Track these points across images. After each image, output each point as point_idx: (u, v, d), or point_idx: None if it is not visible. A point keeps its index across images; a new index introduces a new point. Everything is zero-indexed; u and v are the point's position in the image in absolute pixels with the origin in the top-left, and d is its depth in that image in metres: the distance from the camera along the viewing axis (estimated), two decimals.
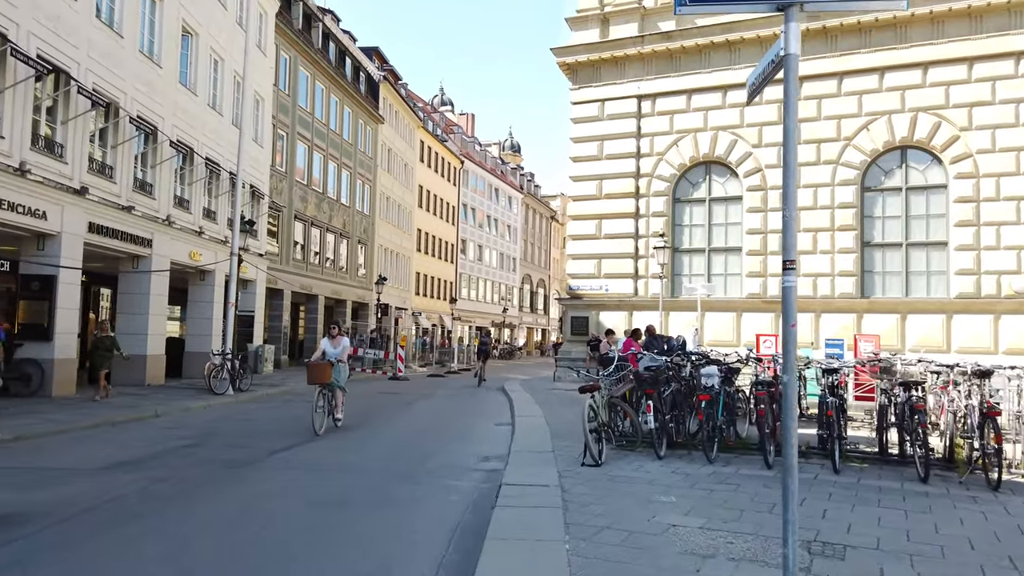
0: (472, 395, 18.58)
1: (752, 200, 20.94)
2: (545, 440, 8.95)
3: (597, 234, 22.90)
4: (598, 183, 22.94)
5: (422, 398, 17.37)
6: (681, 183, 22.22)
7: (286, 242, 27.79)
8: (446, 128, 56.53)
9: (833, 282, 19.96)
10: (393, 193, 40.97)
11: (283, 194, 27.48)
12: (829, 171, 20.09)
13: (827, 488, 6.47)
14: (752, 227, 20.88)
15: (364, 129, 36.10)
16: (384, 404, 15.55)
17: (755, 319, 20.56)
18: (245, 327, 23.55)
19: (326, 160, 31.49)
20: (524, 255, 68.37)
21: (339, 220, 33.02)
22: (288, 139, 27.89)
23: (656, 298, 21.87)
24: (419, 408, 14.53)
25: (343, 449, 9.06)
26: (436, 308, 49.38)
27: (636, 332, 14.51)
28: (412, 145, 44.90)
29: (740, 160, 21.13)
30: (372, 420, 12.20)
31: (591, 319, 22.84)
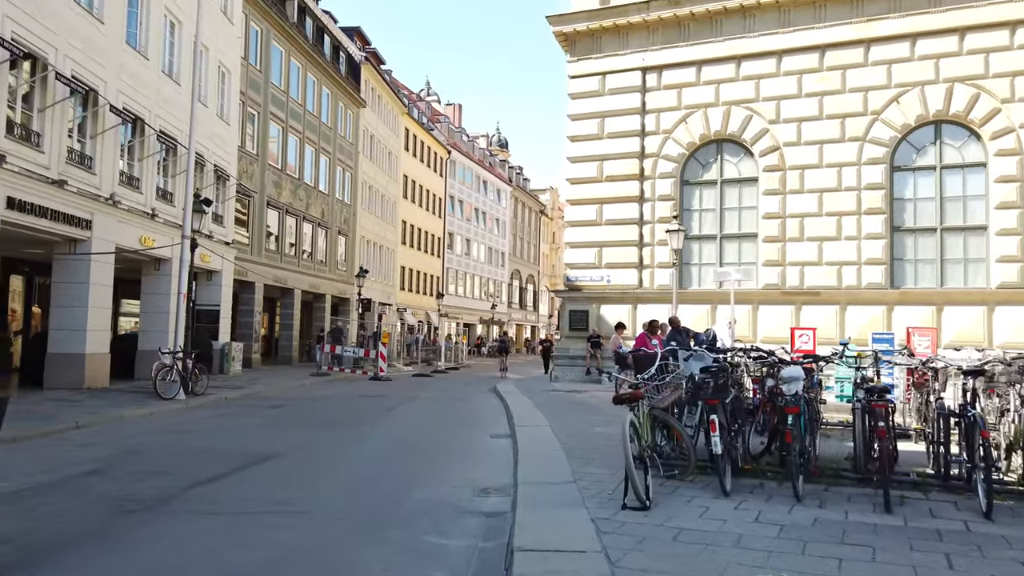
0: (462, 398, 16.52)
1: (769, 182, 19.02)
2: (560, 463, 6.91)
3: (598, 220, 20.89)
4: (598, 164, 20.93)
5: (405, 401, 15.29)
6: (690, 164, 20.27)
7: (258, 231, 25.55)
8: (432, 117, 54.33)
9: (859, 271, 18.09)
10: (376, 182, 38.76)
11: (254, 178, 25.23)
12: (855, 149, 18.21)
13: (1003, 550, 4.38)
14: (769, 211, 18.97)
15: (344, 113, 33.87)
16: (360, 409, 13.47)
17: (773, 312, 18.65)
18: (209, 323, 21.33)
19: (302, 144, 29.25)
20: (513, 250, 66.34)
21: (317, 209, 30.79)
22: (260, 119, 25.64)
23: (664, 290, 19.91)
24: (400, 414, 12.45)
25: (294, 477, 6.98)
26: (422, 304, 47.23)
27: (653, 324, 12.56)
28: (396, 132, 42.69)
29: (756, 137, 19.20)
30: (341, 431, 10.13)
31: (591, 313, 20.84)
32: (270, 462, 7.61)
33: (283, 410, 12.97)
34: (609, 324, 20.50)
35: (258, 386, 17.71)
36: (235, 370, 21.60)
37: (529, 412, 11.69)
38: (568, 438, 8.63)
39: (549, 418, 10.79)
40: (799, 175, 18.69)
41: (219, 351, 21.21)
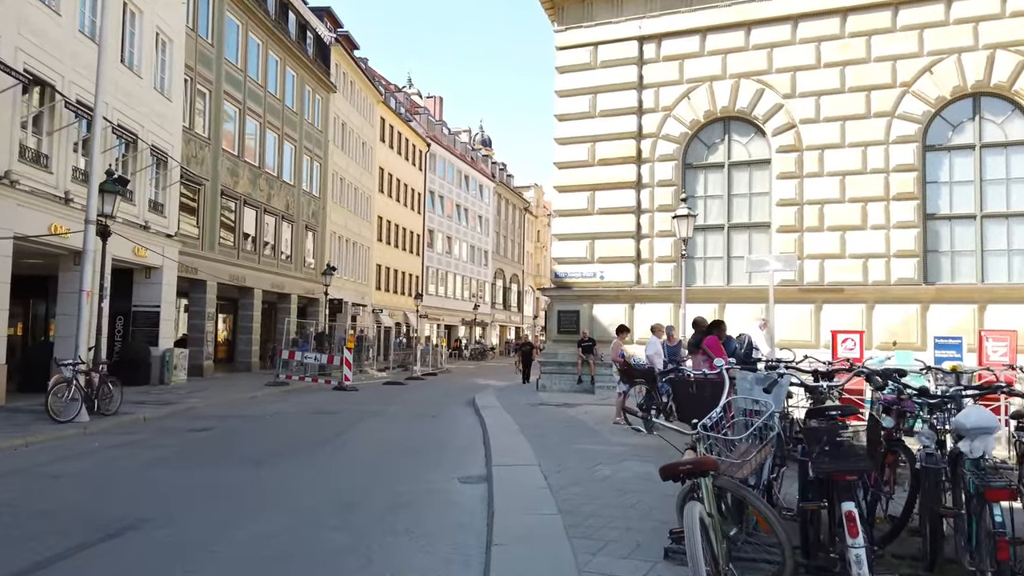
0: (433, 413, 14.04)
1: (784, 164, 16.77)
2: (561, 546, 4.47)
3: (589, 209, 18.53)
4: (590, 147, 18.57)
5: (365, 419, 12.81)
6: (693, 145, 17.97)
7: (209, 223, 22.90)
8: (411, 108, 51.76)
9: (888, 265, 15.89)
10: (348, 174, 36.15)
11: (205, 164, 22.58)
12: (882, 125, 16.01)
13: None
14: (784, 197, 16.72)
15: (312, 97, 31.26)
16: (304, 433, 10.97)
17: (789, 313, 16.37)
18: (148, 326, 18.70)
19: (263, 129, 26.61)
20: (497, 248, 63.90)
21: (280, 200, 28.15)
22: (212, 98, 23.00)
23: (665, 287, 17.61)
24: (350, 441, 9.94)
25: None
26: (400, 304, 44.65)
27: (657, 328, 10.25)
28: (371, 122, 40.09)
29: (768, 114, 16.94)
30: (258, 475, 7.61)
31: (582, 313, 18.48)
32: (124, 537, 5.11)
33: (206, 436, 10.45)
34: (603, 326, 18.16)
35: (195, 400, 15.13)
36: (178, 380, 18.98)
37: (511, 438, 9.27)
38: (565, 488, 6.23)
39: (537, 447, 8.40)
40: (818, 156, 16.46)
41: (159, 359, 18.58)
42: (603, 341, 18.03)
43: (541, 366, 18.79)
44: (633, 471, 6.77)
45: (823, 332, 16.11)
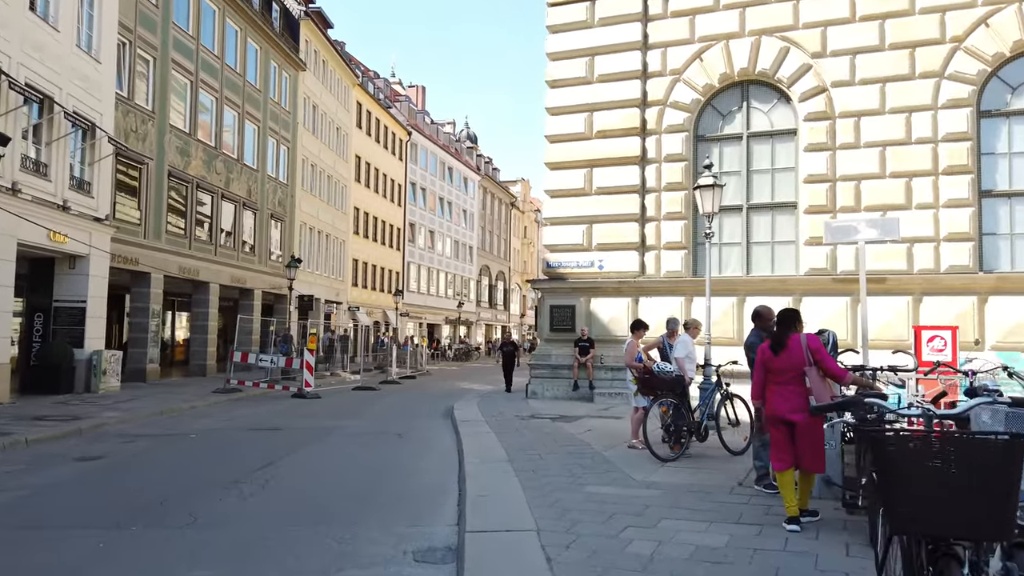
0: (400, 431, 11.46)
1: (813, 134, 14.43)
2: None
3: (586, 188, 16.10)
4: (587, 117, 16.13)
5: (311, 440, 10.24)
6: (707, 113, 15.59)
7: (154, 207, 20.18)
8: (391, 95, 49.08)
9: (938, 251, 13.59)
10: (321, 161, 33.46)
11: (148, 141, 19.86)
12: (929, 88, 13.71)
13: None
14: (813, 173, 14.38)
15: (278, 75, 28.55)
16: (220, 463, 8.38)
17: (821, 307, 14.04)
18: (72, 324, 16.00)
19: (220, 105, 23.90)
20: (482, 244, 61.34)
21: (241, 186, 25.43)
22: (156, 67, 20.27)
23: (675, 278, 15.24)
24: (272, 482, 7.12)
25: None
26: (379, 302, 42.00)
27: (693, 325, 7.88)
28: (347, 106, 37.40)
29: (794, 77, 14.60)
30: (91, 555, 4.97)
31: (579, 309, 16.02)
32: None
33: (86, 470, 7.84)
34: (602, 323, 15.72)
35: (114, 414, 12.50)
36: (109, 387, 16.30)
37: (496, 475, 6.77)
38: None
39: (531, 490, 5.95)
40: (853, 125, 14.14)
41: (84, 363, 15.89)
42: (603, 340, 15.61)
43: (531, 369, 16.32)
44: (687, 543, 4.32)
45: (861, 329, 13.76)
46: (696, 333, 8.58)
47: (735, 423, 8.01)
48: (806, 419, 4.77)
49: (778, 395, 4.91)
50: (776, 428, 4.93)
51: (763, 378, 5.07)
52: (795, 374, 4.89)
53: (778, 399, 4.90)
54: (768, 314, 6.35)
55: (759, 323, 6.40)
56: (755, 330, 6.44)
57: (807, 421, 4.77)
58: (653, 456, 7.34)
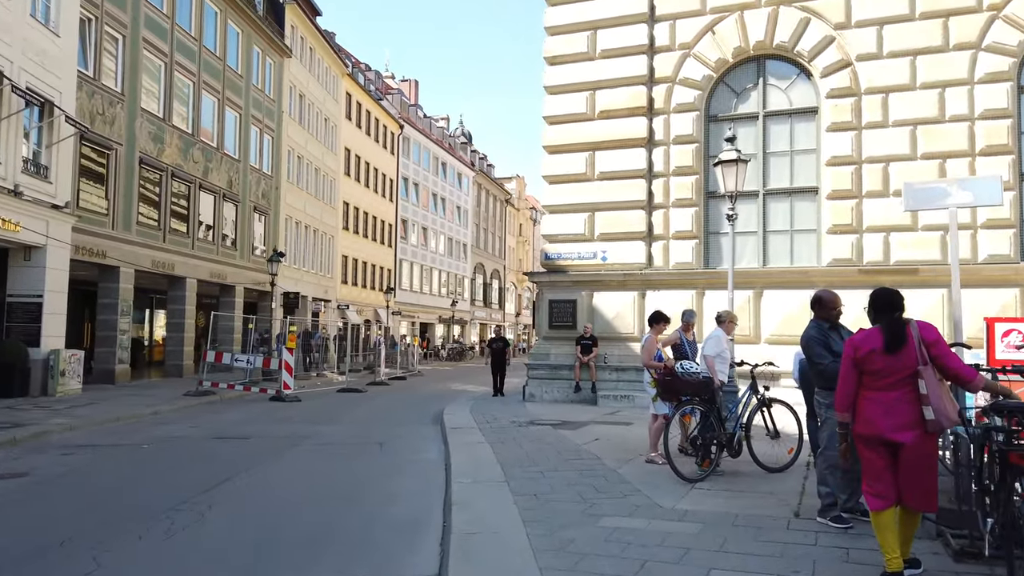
0: (382, 439, 10.16)
1: (836, 113, 13.22)
2: None
3: (588, 174, 14.84)
4: (588, 96, 14.88)
5: (280, 451, 8.94)
6: (719, 91, 14.36)
7: (123, 196, 18.81)
8: (382, 88, 47.72)
9: (975, 239, 12.41)
10: (308, 152, 32.11)
11: (116, 125, 18.49)
12: (965, 61, 12.52)
13: None
14: (837, 155, 13.17)
15: (262, 60, 27.18)
16: (164, 483, 7.06)
17: (846, 299, 12.73)
18: (27, 321, 14.66)
19: (198, 90, 22.53)
20: (476, 241, 60.02)
21: (221, 176, 24.07)
22: (127, 46, 18.90)
23: (684, 270, 14.02)
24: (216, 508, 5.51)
25: None
26: (369, 300, 40.65)
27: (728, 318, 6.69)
28: (335, 96, 36.04)
29: (816, 50, 13.38)
30: None
31: (580, 303, 14.76)
32: None
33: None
34: (606, 319, 14.47)
35: (64, 420, 11.18)
36: (68, 389, 14.96)
37: (489, 499, 5.52)
38: None
39: (534, 524, 4.70)
40: (881, 102, 12.94)
41: (41, 363, 14.55)
42: (606, 338, 14.36)
43: (529, 370, 15.05)
44: None
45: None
46: (732, 328, 7.32)
47: (775, 435, 6.76)
48: (918, 439, 3.52)
49: (877, 406, 3.66)
50: (872, 451, 3.67)
51: (854, 383, 3.81)
52: (903, 377, 3.64)
53: (877, 411, 3.65)
54: (833, 300, 5.10)
55: (821, 312, 5.15)
56: (815, 321, 5.18)
57: (919, 442, 3.53)
58: (676, 475, 6.09)
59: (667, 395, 6.63)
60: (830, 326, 5.04)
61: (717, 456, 6.33)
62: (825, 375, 4.81)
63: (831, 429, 4.76)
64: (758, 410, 6.73)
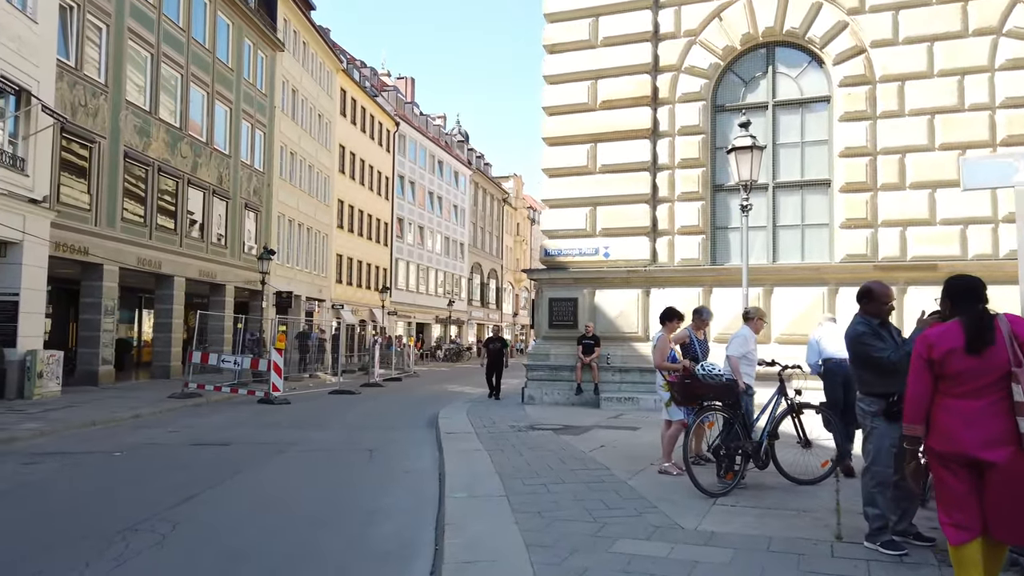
0: (372, 446, 9.53)
1: (850, 102, 12.63)
2: None
3: (589, 167, 14.24)
4: (590, 85, 14.28)
5: (259, 460, 8.31)
6: (727, 80, 13.77)
7: (107, 191, 18.15)
8: (378, 85, 47.07)
9: (996, 233, 11.84)
10: (301, 149, 31.45)
11: (100, 117, 17.84)
12: (985, 46, 11.95)
13: None
14: (850, 146, 12.59)
15: (253, 54, 26.53)
16: (125, 499, 6.42)
17: None
18: (2, 320, 13.99)
19: (186, 83, 21.87)
20: (474, 241, 59.38)
21: (211, 172, 23.41)
22: (111, 36, 18.24)
23: (690, 266, 13.43)
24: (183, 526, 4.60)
25: None
26: (364, 300, 39.99)
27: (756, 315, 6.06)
28: (330, 93, 35.39)
29: (828, 36, 12.80)
30: None
31: (581, 302, 14.15)
32: None
33: None
34: (608, 317, 13.87)
35: (34, 424, 10.54)
36: (46, 392, 14.30)
37: (489, 519, 4.90)
38: None
39: (538, 548, 4.09)
40: (896, 90, 12.36)
41: (17, 364, 13.89)
42: (609, 337, 13.76)
43: (528, 371, 14.42)
44: None
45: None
46: (760, 326, 6.68)
47: (805, 444, 6.15)
48: (1012, 458, 2.91)
49: (957, 417, 3.04)
50: (951, 472, 3.05)
51: (928, 389, 3.18)
52: (991, 382, 3.02)
53: (957, 424, 3.03)
54: (885, 293, 4.44)
55: (870, 306, 4.49)
56: (861, 316, 4.50)
57: (1013, 461, 2.92)
58: (697, 489, 5.47)
59: (686, 400, 6.01)
60: (880, 323, 4.39)
61: (742, 467, 5.72)
62: (883, 368, 4.13)
63: (878, 441, 4.15)
64: (786, 416, 6.11)
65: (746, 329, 6.48)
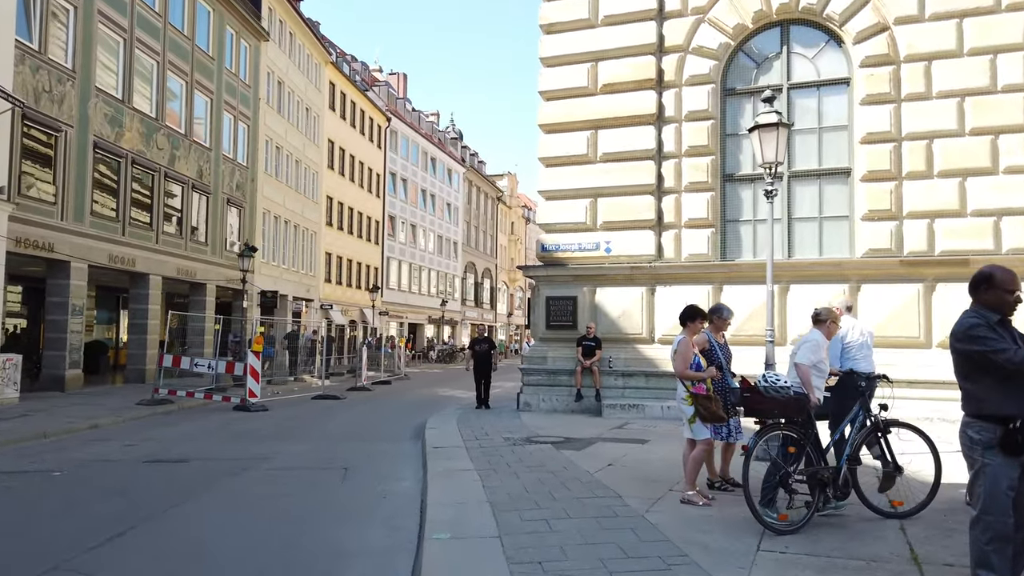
0: (348, 463, 8.47)
1: (872, 83, 11.66)
2: None
3: (589, 155, 13.23)
4: (590, 68, 13.27)
5: (213, 484, 7.24)
6: (737, 61, 12.79)
7: (75, 184, 17.03)
8: (368, 79, 45.96)
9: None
10: (287, 143, 30.34)
11: (66, 105, 16.72)
12: (1019, 23, 11.04)
13: None
14: (873, 131, 11.62)
15: (235, 42, 25.41)
16: (51, 532, 5.38)
17: (885, 295, 11.29)
18: None
19: (163, 71, 20.74)
20: (467, 240, 58.31)
21: (190, 166, 22.28)
22: (78, 19, 17.12)
23: (699, 262, 12.44)
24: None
25: None
26: (355, 300, 38.89)
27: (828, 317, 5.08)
28: (318, 85, 34.28)
29: (848, 13, 11.83)
30: None
31: (581, 301, 13.13)
32: None
33: None
34: (610, 317, 12.86)
35: None
36: (3, 398, 13.19)
37: (479, 570, 3.83)
38: None
39: None
40: (923, 71, 11.40)
41: None
42: (611, 339, 12.75)
43: (524, 375, 13.38)
44: None
45: (937, 325, 11.02)
46: (834, 330, 5.59)
47: (894, 469, 5.11)
48: None
49: None
50: None
51: None
52: None
53: None
54: (1009, 280, 3.34)
55: (988, 295, 3.37)
56: (976, 309, 3.37)
57: None
58: (766, 527, 4.45)
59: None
60: (999, 319, 3.31)
61: (817, 499, 4.68)
62: (1002, 373, 3.09)
63: (992, 484, 3.13)
64: (870, 436, 5.06)
65: (817, 333, 5.44)
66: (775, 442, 4.87)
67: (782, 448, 4.83)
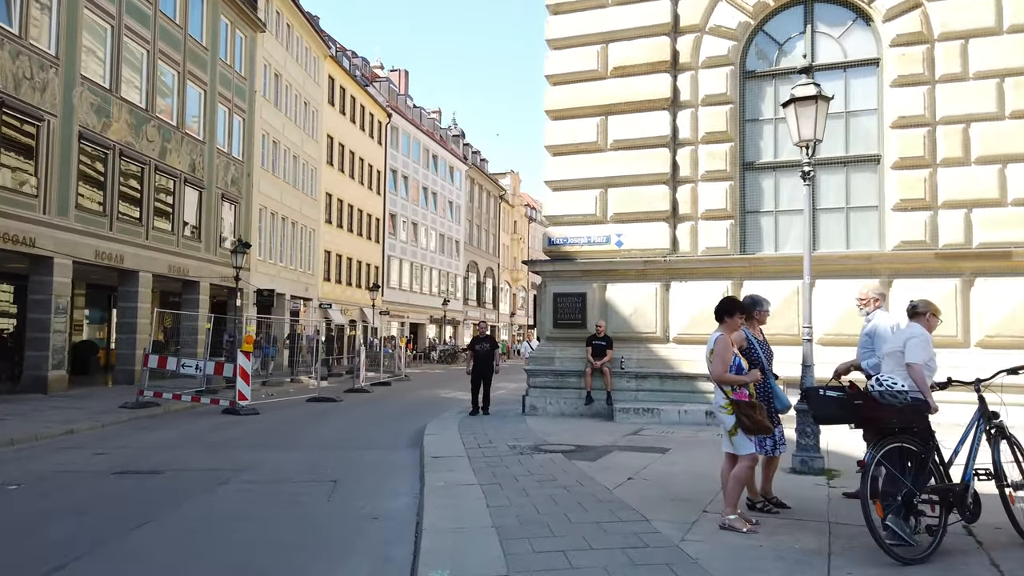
0: (337, 475, 7.69)
1: (903, 64, 10.86)
2: None
3: (600, 143, 12.43)
4: (600, 50, 12.47)
5: (183, 501, 6.45)
6: (758, 41, 11.99)
7: (58, 176, 16.27)
8: (368, 75, 45.20)
9: None
10: (285, 138, 29.58)
11: (48, 92, 15.96)
12: None
13: None
14: (904, 114, 10.82)
15: (230, 33, 24.65)
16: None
17: (918, 289, 10.37)
18: None
19: (153, 60, 19.98)
20: (469, 239, 57.54)
21: (182, 159, 21.52)
22: (61, 3, 16.34)
23: (718, 256, 11.67)
24: None
25: None
26: (355, 299, 38.13)
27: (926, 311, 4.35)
28: (317, 80, 33.52)
29: None
30: None
31: (591, 297, 12.33)
32: None
33: None
34: (622, 315, 12.07)
35: None
36: None
37: None
38: None
39: None
40: (959, 50, 10.59)
41: None
42: (623, 338, 11.95)
43: (530, 377, 12.57)
44: None
45: (976, 322, 10.23)
46: (935, 324, 4.79)
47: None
48: None
49: None
50: None
51: None
52: None
53: None
54: None
55: None
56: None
57: None
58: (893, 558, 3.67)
59: (863, 427, 4.22)
60: None
61: (943, 520, 3.90)
62: None
63: None
64: (997, 444, 4.25)
65: (918, 327, 4.63)
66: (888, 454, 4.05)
67: (900, 462, 4.03)
